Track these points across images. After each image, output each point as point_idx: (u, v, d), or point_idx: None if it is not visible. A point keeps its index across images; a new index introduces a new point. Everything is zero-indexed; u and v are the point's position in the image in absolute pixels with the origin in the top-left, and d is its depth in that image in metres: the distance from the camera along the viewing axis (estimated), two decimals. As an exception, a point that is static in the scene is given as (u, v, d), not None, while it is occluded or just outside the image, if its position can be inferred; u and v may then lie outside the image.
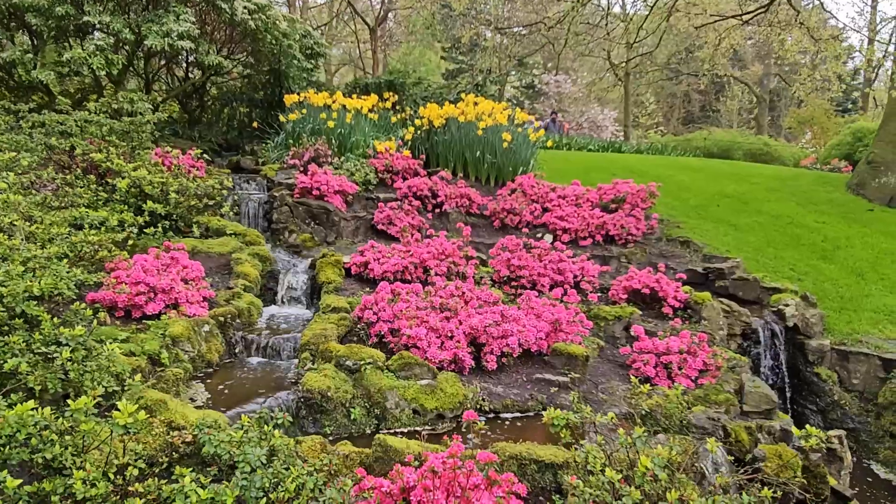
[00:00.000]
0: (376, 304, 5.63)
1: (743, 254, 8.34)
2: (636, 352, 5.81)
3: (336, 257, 6.83)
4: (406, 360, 4.81)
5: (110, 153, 6.90)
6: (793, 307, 6.79)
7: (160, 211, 6.56)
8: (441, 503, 2.99)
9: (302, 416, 4.42)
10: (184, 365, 4.50)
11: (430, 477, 3.03)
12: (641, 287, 6.90)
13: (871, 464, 5.94)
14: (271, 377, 4.89)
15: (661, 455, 3.00)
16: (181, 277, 5.49)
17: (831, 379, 6.48)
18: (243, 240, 6.99)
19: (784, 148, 20.66)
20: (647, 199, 9.18)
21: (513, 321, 5.46)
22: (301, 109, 10.35)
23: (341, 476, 3.56)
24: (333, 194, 8.14)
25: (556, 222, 8.62)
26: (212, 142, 12.58)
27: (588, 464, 3.05)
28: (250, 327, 5.61)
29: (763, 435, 5.20)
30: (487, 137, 10.00)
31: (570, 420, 3.37)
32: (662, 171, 12.16)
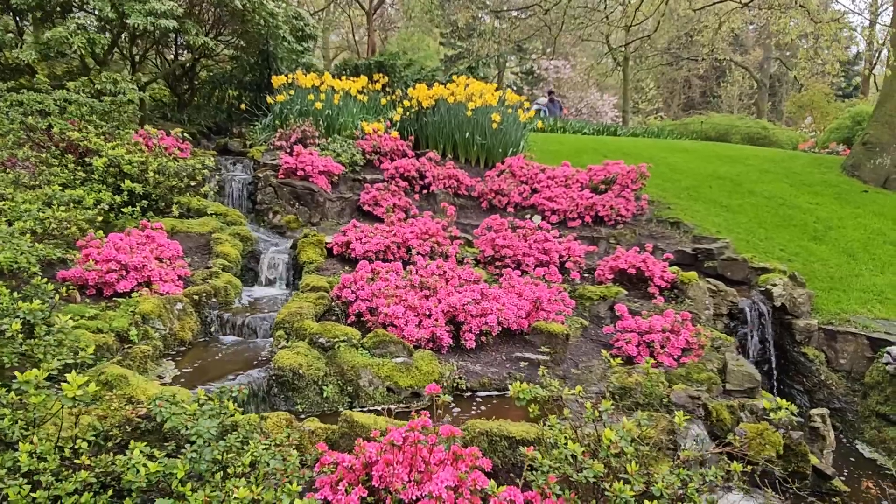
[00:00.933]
0: (355, 283, 5.56)
1: (733, 235, 8.24)
2: (619, 331, 5.73)
3: (318, 237, 6.74)
4: (381, 337, 4.74)
5: (88, 132, 6.80)
6: (780, 287, 6.70)
7: (138, 190, 6.47)
8: (402, 477, 2.92)
9: (274, 394, 4.35)
10: (153, 342, 4.43)
11: (391, 450, 2.97)
12: (628, 267, 6.81)
13: (856, 443, 5.88)
14: (246, 355, 4.82)
15: (628, 428, 2.93)
16: (156, 256, 5.41)
17: (818, 359, 6.41)
18: (224, 220, 6.91)
19: (782, 132, 20.48)
20: (638, 180, 9.06)
21: (493, 299, 5.38)
22: (289, 91, 10.23)
23: (306, 452, 3.51)
24: (318, 175, 8.05)
25: (544, 203, 8.52)
26: (202, 125, 12.45)
27: (552, 437, 2.98)
28: (227, 306, 5.53)
29: (746, 414, 5.14)
30: (477, 119, 9.88)
31: (539, 395, 3.30)
32: (655, 153, 12.03)
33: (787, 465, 4.85)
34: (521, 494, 2.56)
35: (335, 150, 8.84)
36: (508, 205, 8.75)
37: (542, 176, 9.12)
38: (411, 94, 10.19)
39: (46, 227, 4.75)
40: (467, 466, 3.05)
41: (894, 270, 7.47)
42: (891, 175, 10.44)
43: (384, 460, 3.01)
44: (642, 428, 3.55)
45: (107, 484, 2.87)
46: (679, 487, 2.85)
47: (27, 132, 6.80)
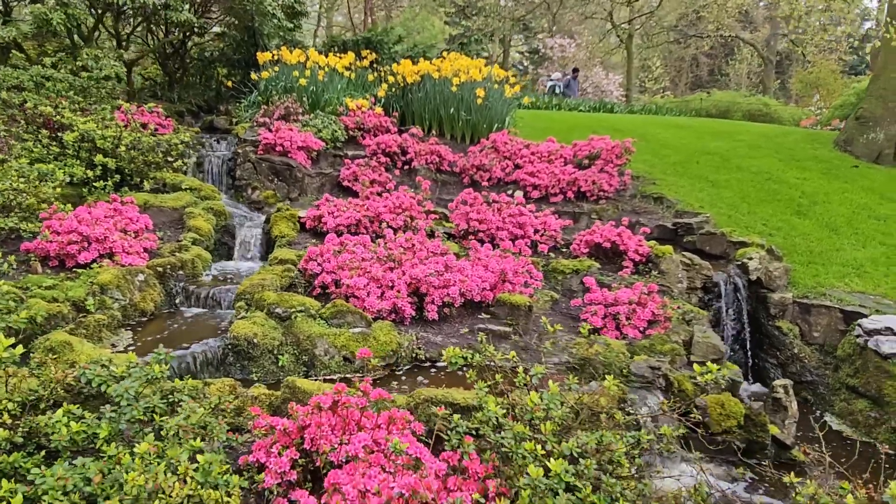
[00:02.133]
0: (321, 256, 5.57)
1: (716, 209, 8.17)
2: (587, 303, 5.72)
3: (291, 212, 6.75)
4: (339, 308, 4.75)
5: (63, 107, 6.81)
6: (756, 260, 6.65)
7: (111, 165, 6.49)
8: (331, 439, 2.94)
9: (229, 363, 4.39)
10: (111, 312, 4.46)
11: (323, 414, 2.98)
12: (603, 241, 6.78)
13: (825, 415, 5.86)
14: (207, 326, 4.85)
15: (553, 391, 2.93)
16: (121, 228, 5.44)
17: (792, 332, 6.37)
18: (198, 194, 6.92)
19: (784, 108, 20.19)
20: (622, 155, 8.98)
21: (457, 271, 5.38)
22: (274, 68, 10.18)
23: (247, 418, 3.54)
24: (297, 150, 8.03)
25: (526, 178, 8.47)
26: (192, 103, 12.44)
27: (480, 400, 2.98)
28: (195, 279, 5.56)
29: (710, 385, 5.12)
30: (462, 94, 9.80)
31: (472, 361, 3.31)
32: (647, 129, 11.90)
33: (748, 435, 4.85)
34: (429, 452, 2.57)
35: (316, 126, 8.81)
36: (490, 180, 8.70)
37: (526, 151, 9.06)
38: (396, 69, 10.11)
39: (5, 199, 4.77)
40: (398, 429, 3.07)
41: (876, 244, 7.38)
42: (884, 150, 10.28)
43: (315, 423, 3.04)
44: (580, 394, 3.55)
45: (41, 444, 2.91)
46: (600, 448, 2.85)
47: (4, 107, 6.82)
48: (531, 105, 15.86)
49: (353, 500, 2.52)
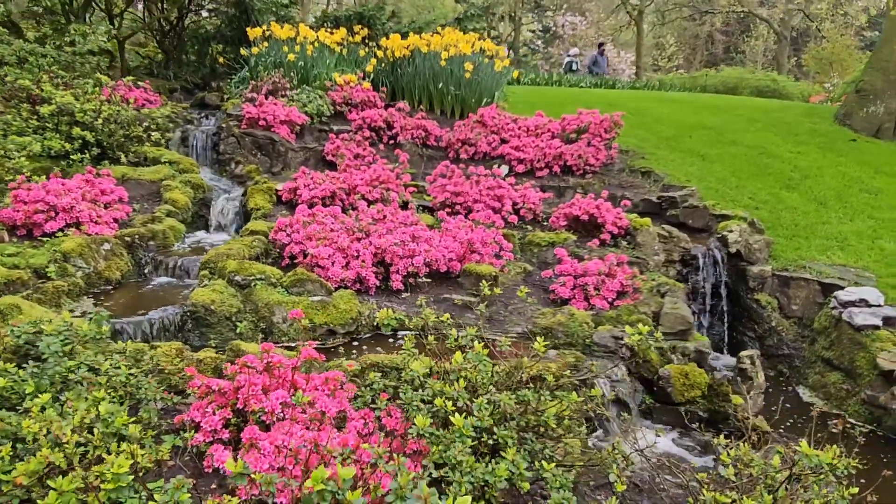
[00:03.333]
0: (290, 226, 5.58)
1: (704, 184, 8.06)
2: (557, 275, 5.69)
3: (268, 185, 6.77)
4: (299, 276, 4.78)
5: (43, 81, 6.86)
6: (736, 233, 6.56)
7: (89, 138, 6.53)
8: (261, 398, 2.97)
9: (188, 330, 4.43)
10: (72, 279, 4.52)
11: (247, 372, 3.01)
12: (581, 214, 6.72)
13: (799, 388, 5.80)
14: (172, 294, 4.90)
15: (478, 350, 2.92)
16: (91, 199, 5.49)
17: (770, 305, 6.30)
18: (177, 168, 6.96)
19: (793, 84, 19.80)
20: (611, 129, 8.87)
21: (424, 241, 5.37)
22: (264, 44, 10.15)
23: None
24: (280, 125, 8.02)
25: (511, 153, 8.40)
26: (187, 80, 12.47)
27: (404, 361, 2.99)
28: (166, 249, 5.60)
29: (677, 356, 5.10)
30: (451, 69, 9.71)
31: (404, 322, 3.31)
32: (644, 104, 11.73)
33: (710, 405, 4.82)
34: (332, 404, 2.59)
35: (302, 100, 8.79)
36: (476, 155, 8.64)
37: (513, 126, 8.98)
38: (384, 44, 10.04)
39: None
40: (329, 389, 3.09)
41: (864, 218, 7.25)
42: (884, 124, 10.05)
43: (249, 383, 3.07)
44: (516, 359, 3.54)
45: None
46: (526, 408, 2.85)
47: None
48: (531, 81, 15.69)
49: (269, 454, 2.55)
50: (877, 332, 5.21)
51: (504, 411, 2.79)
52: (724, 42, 44.97)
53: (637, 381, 5.03)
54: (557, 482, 2.62)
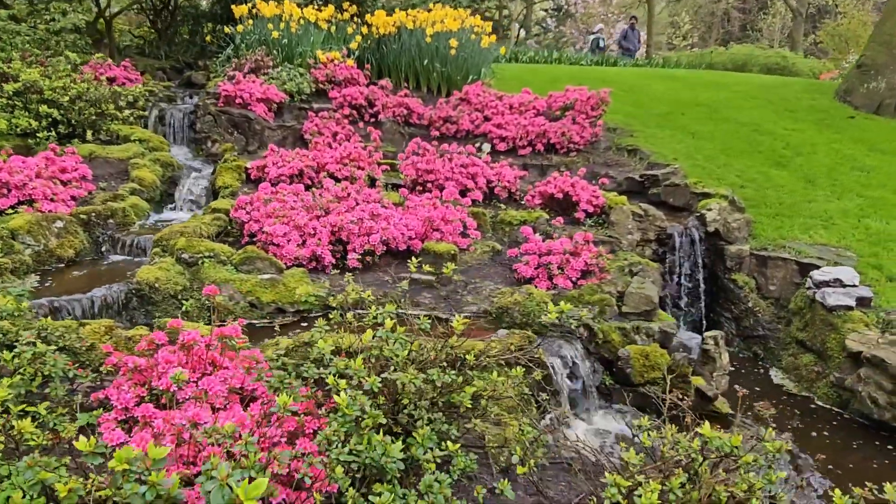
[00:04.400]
0: (251, 204, 5.50)
1: (691, 161, 7.84)
2: (523, 253, 5.56)
3: (237, 163, 6.68)
4: (249, 254, 4.70)
5: (13, 59, 6.80)
6: (715, 212, 6.37)
7: (56, 115, 6.48)
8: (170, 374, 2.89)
9: (133, 307, 4.38)
10: (19, 257, 4.48)
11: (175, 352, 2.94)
12: (556, 192, 6.57)
13: (771, 370, 5.64)
14: (123, 272, 4.84)
15: (388, 328, 2.82)
16: (50, 176, 5.44)
17: (748, 285, 6.12)
18: (147, 146, 6.89)
19: (803, 61, 19.25)
20: (599, 106, 8.65)
21: (383, 219, 5.26)
22: (249, 21, 10.02)
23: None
24: (256, 103, 7.92)
25: (493, 130, 8.23)
26: (178, 59, 12.40)
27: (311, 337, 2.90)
28: (125, 228, 5.55)
29: (641, 336, 4.97)
30: (437, 45, 9.51)
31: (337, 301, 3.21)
32: (640, 81, 11.45)
33: (669, 386, 4.68)
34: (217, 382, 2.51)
35: (281, 78, 8.67)
36: (458, 132, 8.48)
37: (498, 103, 8.79)
38: (370, 20, 9.86)
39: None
40: (244, 367, 3.01)
41: (853, 196, 7.01)
42: (885, 100, 9.70)
43: (164, 360, 3.00)
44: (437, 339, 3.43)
45: None
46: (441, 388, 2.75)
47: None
48: (529, 59, 15.41)
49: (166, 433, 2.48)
50: (849, 312, 5.02)
51: (408, 392, 2.69)
52: (740, 20, 43.94)
53: (597, 362, 4.91)
54: (461, 463, 2.52)
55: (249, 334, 4.27)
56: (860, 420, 4.68)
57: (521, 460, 2.50)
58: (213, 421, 2.34)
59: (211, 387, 2.50)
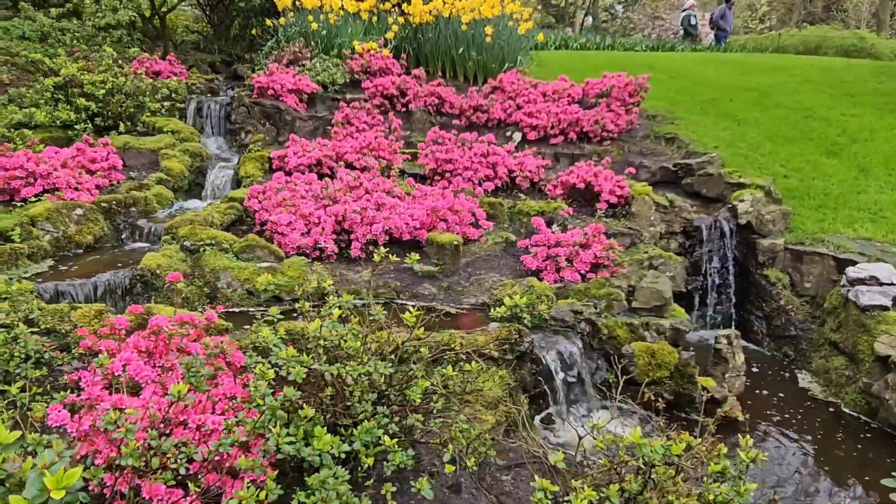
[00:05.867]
0: (263, 193, 5.58)
1: (733, 150, 7.41)
2: (533, 245, 5.40)
3: (261, 153, 6.80)
4: (249, 242, 4.77)
5: (57, 55, 7.16)
6: (748, 203, 5.99)
7: (93, 108, 6.78)
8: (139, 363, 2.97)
9: (137, 293, 4.53)
10: (37, 243, 4.71)
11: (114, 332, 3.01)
12: (577, 182, 6.36)
13: (800, 373, 5.26)
14: (138, 258, 5.01)
15: (379, 312, 2.80)
16: (80, 166, 5.69)
17: (781, 282, 5.73)
18: (178, 136, 7.12)
19: (884, 43, 17.85)
20: (637, 92, 8.31)
21: (388, 209, 5.23)
22: (291, 13, 10.18)
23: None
24: (287, 93, 8.04)
25: (524, 119, 8.05)
26: (229, 53, 12.78)
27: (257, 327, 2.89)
28: (148, 216, 5.75)
29: (651, 333, 4.75)
30: (473, 33, 9.38)
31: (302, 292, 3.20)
32: (688, 66, 10.92)
33: (676, 386, 4.46)
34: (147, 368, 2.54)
35: (315, 69, 8.76)
36: (489, 121, 8.33)
37: (533, 91, 8.59)
38: (406, 10, 9.82)
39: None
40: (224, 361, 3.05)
41: (909, 187, 6.44)
42: (963, 81, 8.86)
43: (134, 344, 3.07)
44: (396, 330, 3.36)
45: None
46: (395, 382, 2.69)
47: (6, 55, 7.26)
48: (580, 46, 14.99)
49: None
50: (884, 313, 4.62)
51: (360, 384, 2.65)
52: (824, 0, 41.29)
53: (601, 359, 4.71)
54: (397, 458, 2.46)
55: (246, 321, 4.36)
56: (889, 430, 4.30)
57: (452, 458, 2.41)
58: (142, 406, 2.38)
59: (138, 372, 2.53)
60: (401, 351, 3.02)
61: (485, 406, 3.64)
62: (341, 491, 1.95)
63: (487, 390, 3.60)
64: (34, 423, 2.82)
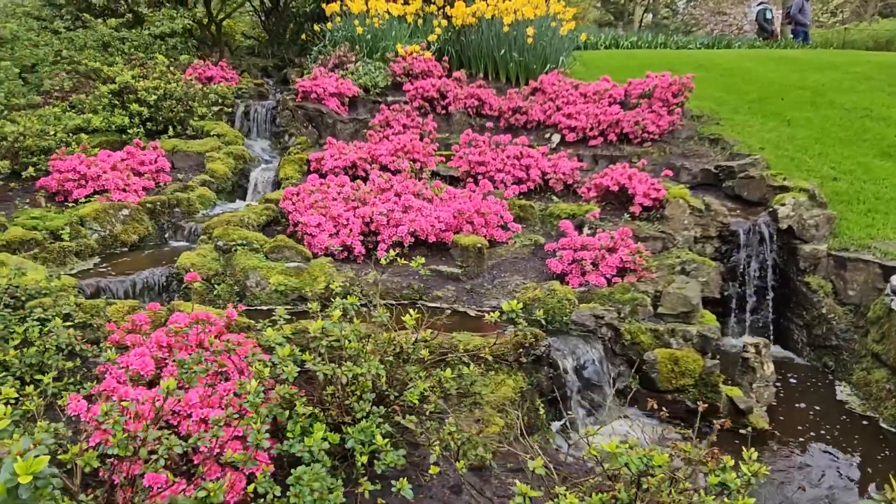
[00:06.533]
0: (297, 195, 5.76)
1: (780, 152, 7.15)
2: (560, 248, 5.38)
3: (300, 155, 7.01)
4: (278, 243, 4.94)
5: (116, 63, 7.57)
6: (789, 207, 5.78)
7: (146, 113, 7.14)
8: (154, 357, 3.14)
9: (172, 290, 4.77)
10: (84, 241, 5.01)
11: (134, 328, 3.20)
12: (611, 184, 6.28)
13: (839, 385, 5.04)
14: (176, 257, 5.26)
15: (381, 314, 2.89)
16: (130, 168, 6.02)
17: (823, 290, 5.50)
18: (223, 140, 7.41)
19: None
20: (681, 92, 8.12)
21: (415, 211, 5.31)
22: (337, 18, 10.42)
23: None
24: (329, 97, 8.24)
25: (562, 121, 7.99)
26: (282, 58, 13.19)
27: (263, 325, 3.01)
28: (190, 216, 6.02)
29: (677, 339, 4.66)
30: (515, 34, 9.37)
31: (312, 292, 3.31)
32: (740, 63, 10.55)
33: (699, 395, 4.36)
34: (142, 361, 2.68)
35: (358, 72, 8.94)
36: (528, 123, 8.31)
37: (574, 92, 8.51)
38: (449, 12, 9.89)
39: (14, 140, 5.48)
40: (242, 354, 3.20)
41: (971, 191, 6.07)
42: None
43: (156, 340, 3.26)
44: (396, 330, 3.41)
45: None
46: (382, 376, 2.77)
47: (69, 63, 7.73)
48: (631, 45, 14.71)
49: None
50: (928, 324, 4.38)
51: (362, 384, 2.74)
52: (904, -10, 39.02)
53: (624, 365, 4.66)
54: (388, 458, 2.53)
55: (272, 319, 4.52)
56: (929, 449, 4.09)
57: (437, 461, 2.46)
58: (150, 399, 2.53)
59: (142, 367, 2.68)
60: (404, 353, 3.09)
61: (495, 409, 3.67)
62: (315, 487, 2.02)
63: (489, 393, 3.63)
64: (61, 411, 3.03)
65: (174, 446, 1.98)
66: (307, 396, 2.89)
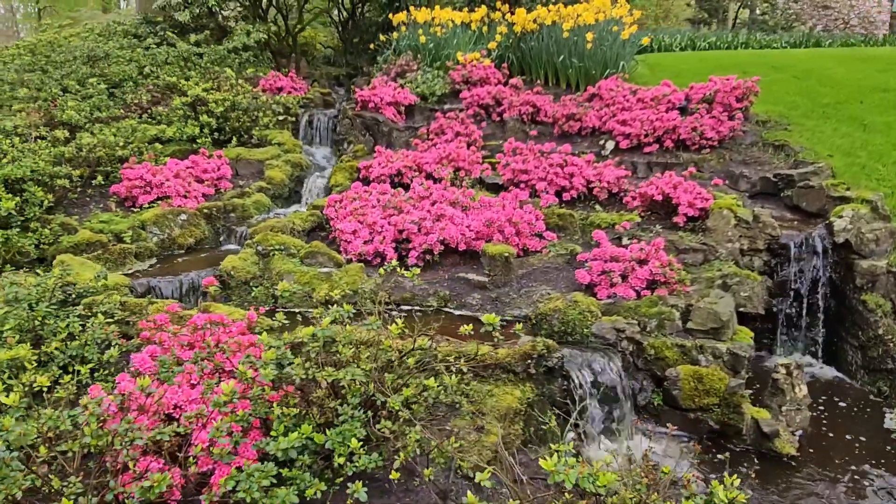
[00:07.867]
0: (340, 202, 6.02)
1: (850, 160, 6.72)
2: (591, 259, 5.32)
3: (351, 163, 7.29)
4: (312, 249, 5.19)
5: (191, 77, 8.16)
6: (846, 219, 5.44)
7: (213, 124, 7.65)
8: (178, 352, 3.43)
9: (215, 291, 5.11)
10: (144, 244, 5.47)
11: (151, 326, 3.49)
12: (655, 194, 6.13)
13: (890, 412, 4.70)
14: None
15: (373, 322, 3.05)
16: (194, 176, 6.49)
17: (881, 308, 5.14)
18: (283, 148, 7.81)
19: None
20: (746, 96, 7.79)
21: (447, 219, 5.42)
22: (403, 28, 10.71)
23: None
24: (386, 106, 8.49)
25: (616, 127, 7.85)
26: (354, 67, 13.67)
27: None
28: (244, 221, 6.41)
29: (706, 356, 4.55)
30: (575, 40, 9.28)
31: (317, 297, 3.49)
32: (818, 64, 9.91)
33: (722, 416, 4.21)
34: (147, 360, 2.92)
35: (416, 81, 9.16)
36: (583, 129, 8.21)
37: (630, 98, 8.33)
38: (511, 20, 9.92)
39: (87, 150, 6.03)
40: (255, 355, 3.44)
41: None
42: None
43: (179, 338, 3.55)
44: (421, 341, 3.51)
45: None
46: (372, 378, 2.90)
47: (149, 79, 8.40)
48: (709, 45, 14.14)
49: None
50: None
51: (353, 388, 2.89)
52: None
53: (646, 380, 4.57)
54: (361, 461, 2.66)
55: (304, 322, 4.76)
56: (976, 486, 3.76)
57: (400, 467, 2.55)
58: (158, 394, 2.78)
59: (142, 364, 2.94)
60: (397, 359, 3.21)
61: (497, 419, 3.72)
62: (264, 484, 2.18)
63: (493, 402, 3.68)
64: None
65: (137, 439, 2.20)
66: (302, 398, 3.08)
